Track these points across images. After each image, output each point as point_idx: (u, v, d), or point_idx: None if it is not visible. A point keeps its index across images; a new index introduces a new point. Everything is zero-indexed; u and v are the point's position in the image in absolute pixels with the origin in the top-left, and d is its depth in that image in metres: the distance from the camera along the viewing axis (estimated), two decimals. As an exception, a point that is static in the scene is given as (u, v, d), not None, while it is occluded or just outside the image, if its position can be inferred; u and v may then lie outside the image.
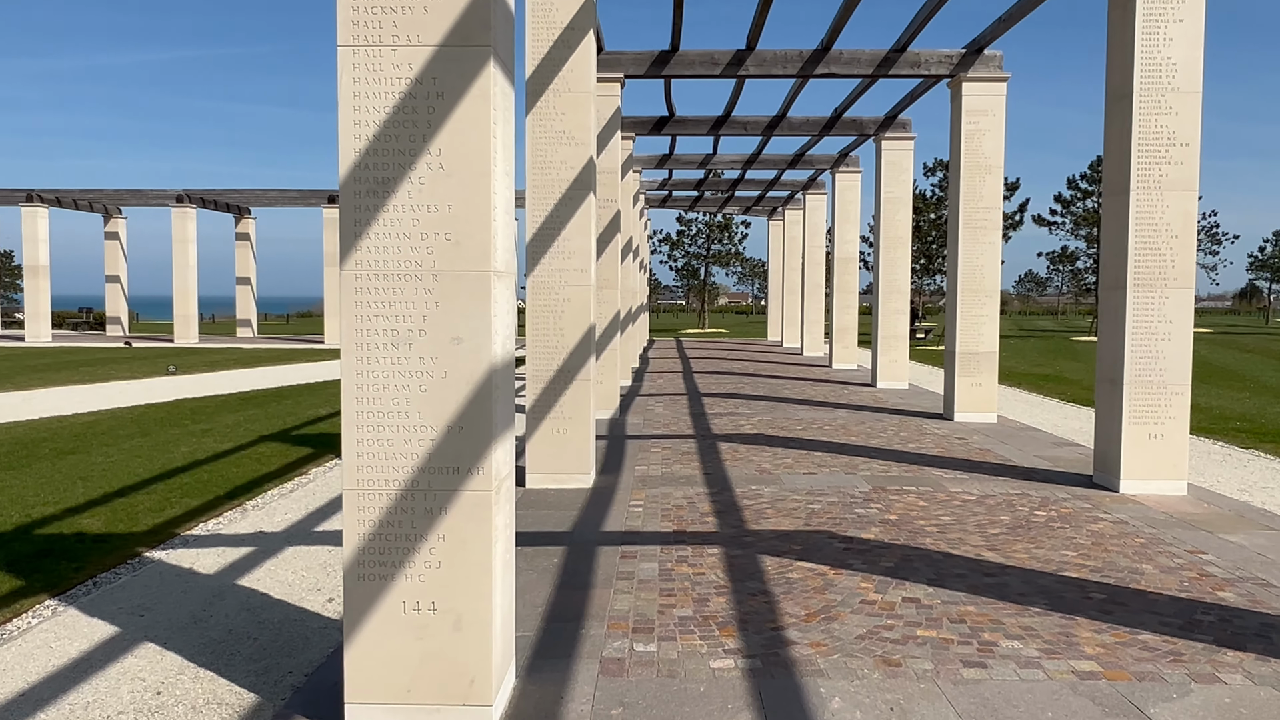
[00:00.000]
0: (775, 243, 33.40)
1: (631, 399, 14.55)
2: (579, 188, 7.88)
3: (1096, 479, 8.24)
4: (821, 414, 12.74)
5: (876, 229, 16.98)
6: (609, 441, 10.38)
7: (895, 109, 15.91)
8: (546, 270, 7.92)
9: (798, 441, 10.33)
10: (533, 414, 7.97)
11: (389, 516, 3.47)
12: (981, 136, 12.19)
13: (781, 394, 15.29)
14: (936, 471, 8.65)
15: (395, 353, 3.44)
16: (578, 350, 7.94)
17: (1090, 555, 5.88)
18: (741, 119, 16.78)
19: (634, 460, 9.20)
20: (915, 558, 5.79)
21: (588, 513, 7.03)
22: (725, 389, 16.09)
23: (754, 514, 6.94)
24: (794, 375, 19.02)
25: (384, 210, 3.41)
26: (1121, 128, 7.86)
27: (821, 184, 25.35)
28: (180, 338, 32.02)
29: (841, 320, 21.26)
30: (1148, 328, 7.80)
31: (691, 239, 56.23)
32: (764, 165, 21.55)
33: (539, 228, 7.91)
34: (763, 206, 32.65)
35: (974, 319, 12.27)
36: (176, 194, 31.21)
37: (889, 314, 16.88)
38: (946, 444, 10.28)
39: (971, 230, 12.20)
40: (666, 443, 10.26)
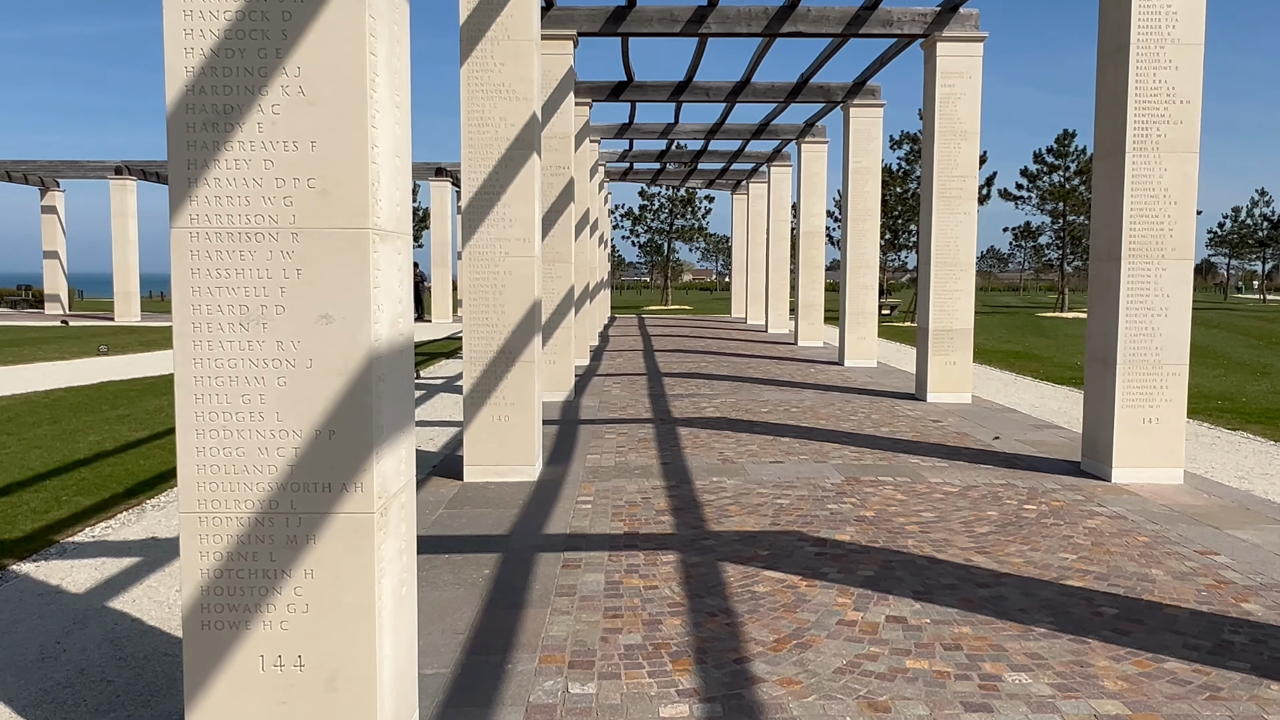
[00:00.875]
0: (739, 217, 32.68)
1: (588, 379, 13.78)
2: (520, 148, 7.06)
3: (1086, 466, 7.62)
4: (788, 395, 12.05)
5: (844, 201, 16.28)
6: (560, 427, 9.61)
7: (865, 74, 15.18)
8: (485, 240, 7.11)
9: (763, 426, 9.62)
10: (471, 400, 7.18)
11: (241, 547, 2.68)
12: (957, 100, 11.49)
13: (746, 373, 14.60)
14: (913, 459, 7.98)
15: (245, 335, 2.65)
16: (520, 328, 7.15)
17: (1092, 558, 5.22)
18: (704, 84, 15.98)
19: (586, 448, 8.45)
20: (897, 564, 5.10)
21: (530, 511, 6.27)
22: (687, 368, 15.37)
23: (715, 511, 6.22)
24: (759, 354, 18.35)
25: (226, 148, 2.61)
26: (1116, 83, 7.17)
27: (787, 156, 24.62)
28: (121, 316, 30.67)
29: (807, 296, 20.61)
30: (1143, 302, 7.16)
31: (654, 213, 55.31)
32: (728, 135, 20.76)
33: (476, 192, 7.08)
34: (726, 180, 31.89)
35: (948, 294, 11.62)
36: (115, 165, 29.77)
37: (857, 289, 16.22)
38: (921, 427, 9.63)
39: (945, 200, 11.53)
40: (622, 428, 9.51)
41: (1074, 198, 40.79)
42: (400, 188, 2.92)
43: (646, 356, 17.60)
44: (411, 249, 3.10)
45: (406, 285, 3.00)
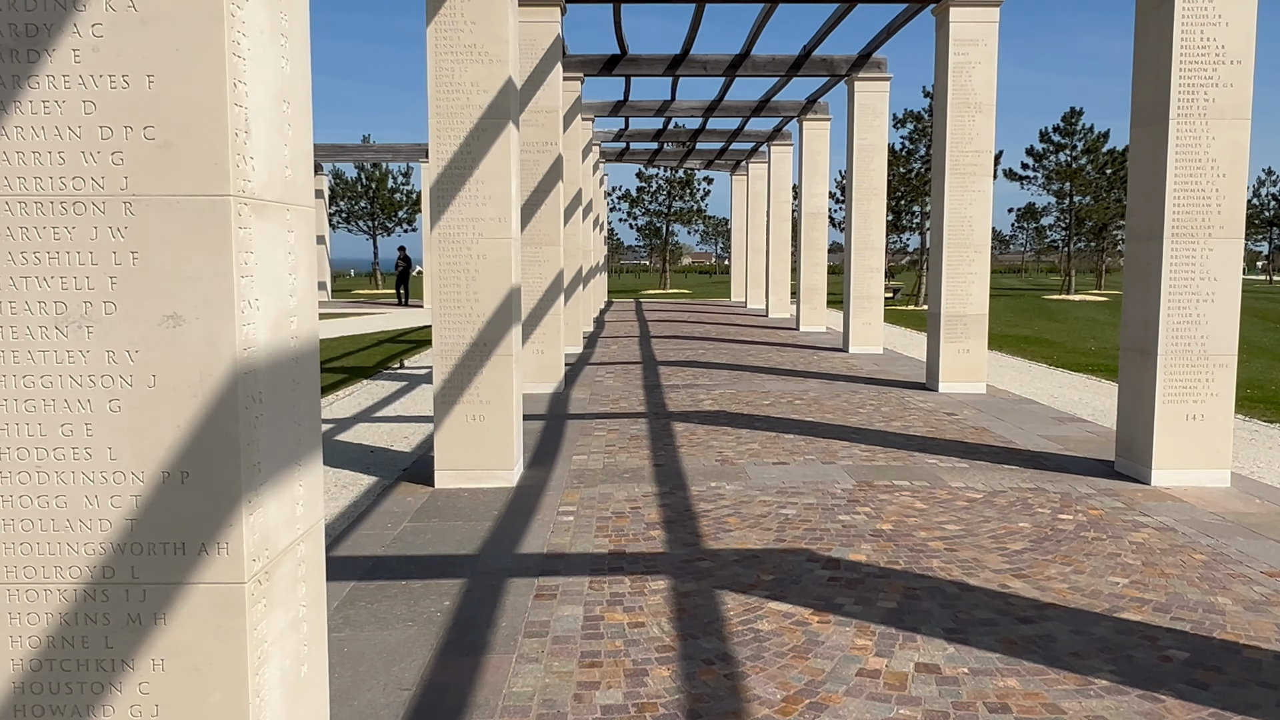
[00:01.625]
0: (739, 199, 31.91)
1: (580, 369, 13.08)
2: (494, 117, 6.33)
3: (1120, 467, 6.92)
4: (791, 385, 11.35)
5: (849, 179, 15.54)
6: (547, 423, 8.91)
7: (870, 45, 14.40)
8: (455, 220, 6.39)
9: (765, 421, 8.92)
10: (442, 398, 6.48)
11: (61, 629, 1.99)
12: (971, 70, 10.74)
13: (746, 361, 13.89)
14: (930, 459, 7.29)
15: (63, 342, 1.94)
16: (496, 318, 6.44)
17: (1146, 583, 4.53)
18: (701, 58, 15.21)
19: (573, 447, 7.75)
20: (922, 591, 4.41)
21: (504, 524, 5.58)
22: (684, 356, 14.66)
23: (713, 524, 5.53)
24: (760, 340, 17.64)
25: (29, 83, 1.89)
26: (1159, 42, 6.43)
27: (787, 135, 23.85)
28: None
29: (810, 280, 19.89)
30: (1188, 286, 6.44)
31: (652, 196, 54.41)
32: (726, 113, 19.97)
33: (445, 166, 6.36)
34: (725, 161, 31.10)
35: (961, 277, 10.90)
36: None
37: (862, 272, 15.49)
38: (935, 421, 8.93)
39: (959, 176, 10.80)
40: (614, 424, 8.81)
41: (1080, 178, 39.96)
42: (292, 144, 2.21)
43: (642, 343, 16.90)
44: (314, 225, 2.38)
45: (306, 274, 2.29)
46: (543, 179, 10.80)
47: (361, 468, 7.39)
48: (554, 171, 10.81)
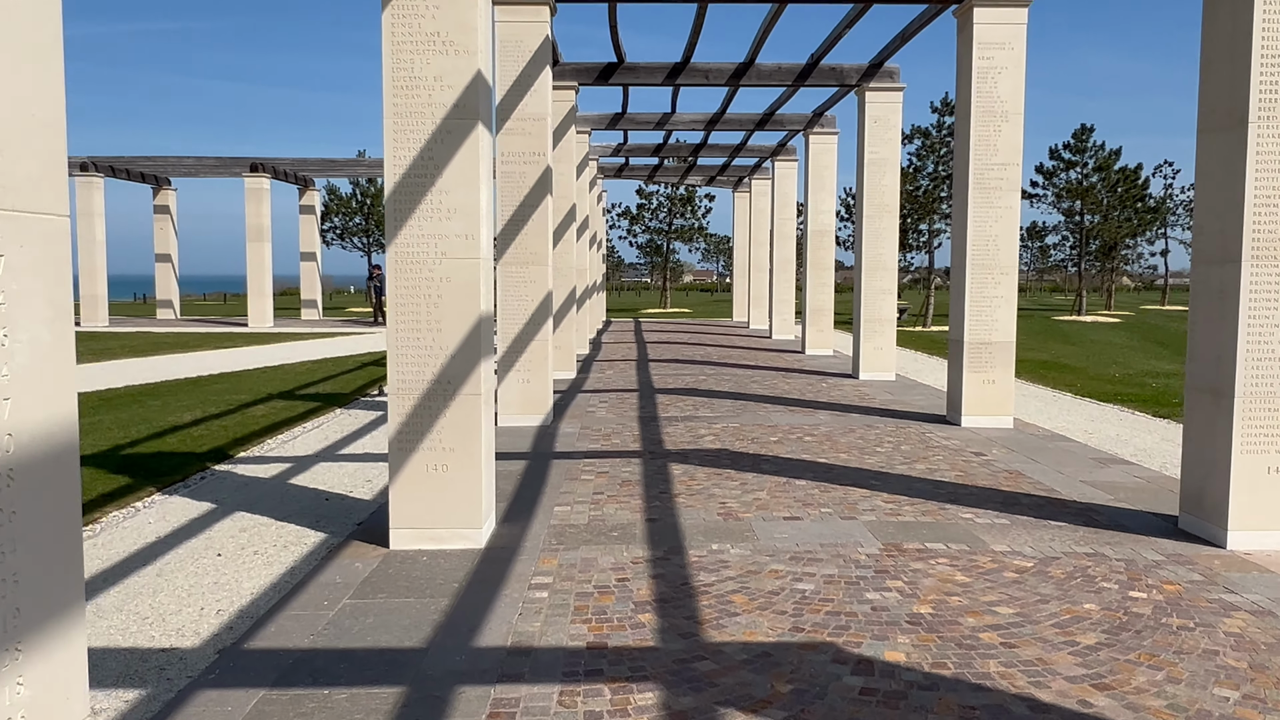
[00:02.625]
0: (741, 216, 31.06)
1: (571, 397, 12.14)
2: (462, 116, 5.43)
3: (1186, 524, 5.98)
4: (800, 418, 10.41)
5: (859, 195, 14.65)
6: (529, 463, 7.97)
7: (883, 53, 13.55)
8: (414, 237, 5.47)
9: (773, 462, 7.98)
10: (398, 445, 5.54)
11: None
12: (997, 75, 9.85)
13: (750, 389, 12.95)
14: (964, 513, 6.34)
15: None
16: (463, 351, 5.51)
17: (1264, 698, 3.58)
18: (703, 66, 14.34)
19: (555, 494, 6.81)
20: (984, 713, 3.46)
21: (464, 602, 4.63)
22: (685, 382, 13.73)
23: (715, 605, 4.58)
24: (764, 364, 16.70)
25: None
26: (1235, 31, 5.53)
27: (792, 150, 23.00)
28: (87, 321, 28.98)
29: (816, 300, 18.99)
30: (1271, 318, 5.51)
31: (653, 213, 53.54)
32: (729, 126, 19.12)
33: (403, 174, 5.45)
34: (727, 177, 30.27)
35: (986, 301, 9.98)
36: (81, 161, 28.12)
37: (873, 294, 14.58)
38: (963, 463, 7.98)
39: (983, 192, 9.89)
40: (604, 464, 7.87)
41: (1092, 196, 39.06)
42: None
43: (640, 368, 15.97)
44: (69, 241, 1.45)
45: (46, 324, 1.36)
46: (529, 193, 9.90)
47: (311, 520, 6.45)
48: (542, 185, 9.91)
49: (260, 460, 8.54)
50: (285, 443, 9.40)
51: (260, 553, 5.71)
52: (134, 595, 4.99)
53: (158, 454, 8.62)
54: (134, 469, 7.97)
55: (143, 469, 7.97)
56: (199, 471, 7.99)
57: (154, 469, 7.97)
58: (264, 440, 9.47)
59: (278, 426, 10.22)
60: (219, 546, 5.84)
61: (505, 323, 9.93)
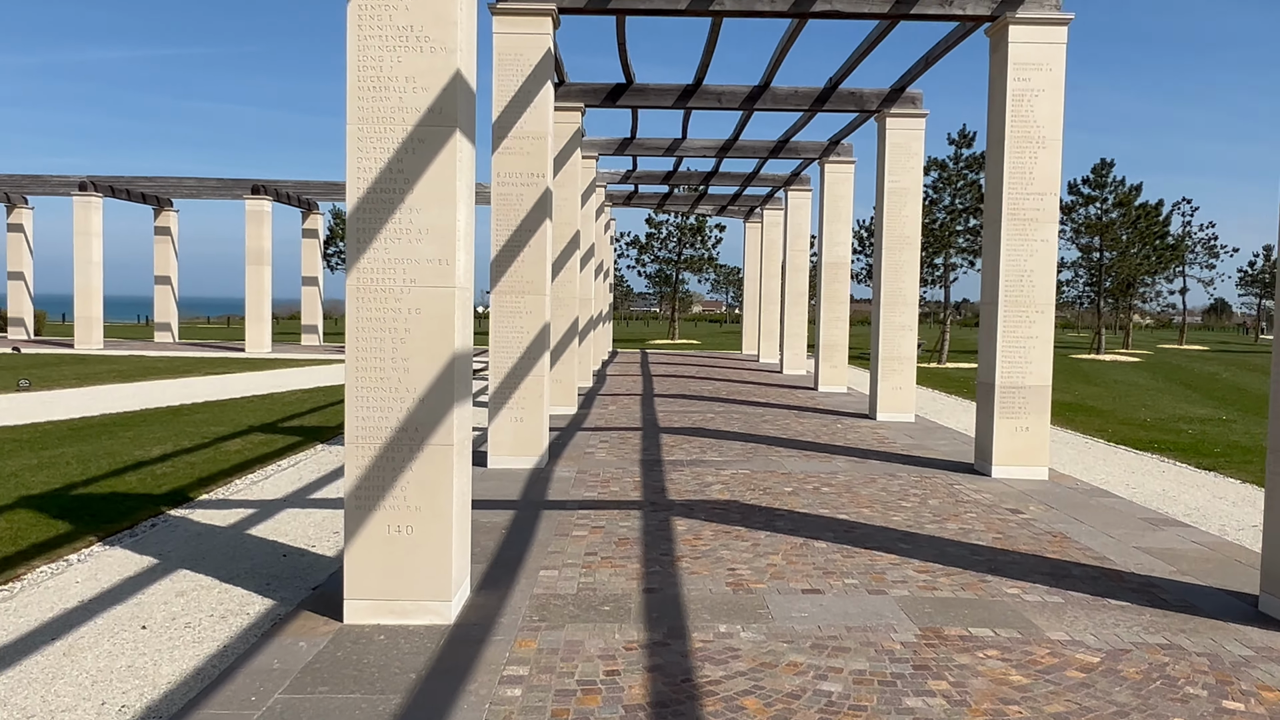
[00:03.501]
0: (752, 247, 30.36)
1: (569, 436, 11.36)
2: (437, 123, 4.70)
3: (1269, 607, 5.15)
4: (816, 464, 9.60)
5: (878, 226, 13.91)
6: (517, 514, 7.18)
7: (906, 77, 12.86)
8: (380, 260, 4.72)
9: (789, 518, 7.17)
10: (355, 503, 4.77)
11: None
12: (1033, 98, 9.13)
13: (762, 430, 12.15)
14: (1009, 586, 5.53)
15: None
16: (434, 395, 4.74)
17: None
18: (716, 89, 13.68)
19: (542, 555, 6.01)
20: None
21: (418, 704, 3.83)
22: (692, 420, 12.93)
23: (723, 711, 3.77)
24: (775, 401, 15.90)
25: None
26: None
27: (806, 179, 22.32)
28: (81, 343, 28.34)
29: (829, 336, 18.20)
30: (1377, 371, 4.72)
31: (661, 242, 52.89)
32: (742, 153, 18.47)
33: (368, 188, 4.71)
34: (739, 207, 29.61)
35: (1019, 342, 9.19)
36: (80, 180, 27.61)
37: (892, 330, 13.79)
38: (999, 522, 7.17)
39: (1019, 224, 9.14)
40: (600, 517, 7.08)
41: (1111, 232, 38.24)
42: None
43: (645, 403, 15.18)
44: None
45: None
46: (526, 217, 9.17)
47: (261, 582, 5.66)
48: (540, 208, 9.19)
49: (222, 504, 7.76)
50: (255, 483, 8.62)
51: (193, 625, 4.92)
52: (25, 683, 4.20)
53: (111, 495, 7.85)
54: (79, 513, 7.20)
55: (89, 513, 7.19)
56: (151, 517, 7.21)
57: (102, 513, 7.20)
58: (232, 480, 8.69)
59: (250, 464, 9.45)
60: (147, 615, 5.05)
61: (497, 355, 9.18)
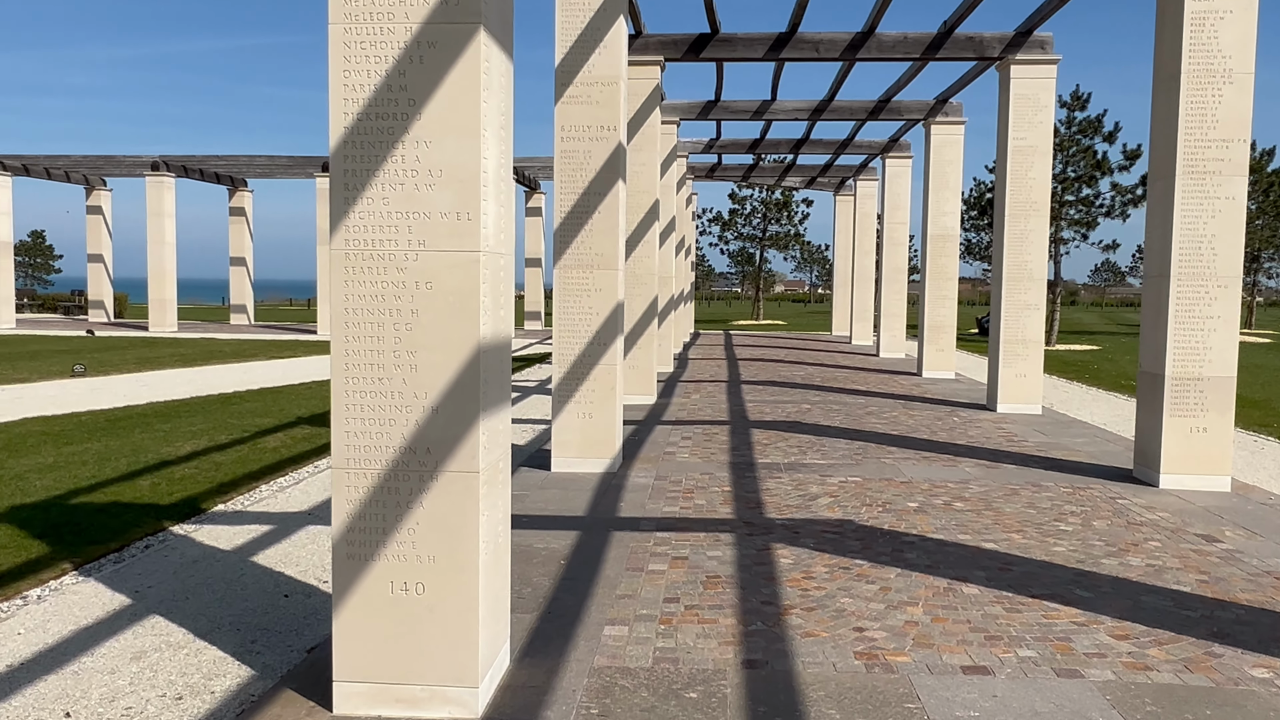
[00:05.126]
0: (843, 221, 28.53)
1: (648, 430, 9.99)
2: (452, 18, 3.33)
3: None
4: (940, 469, 8.05)
5: (999, 191, 12.16)
6: (581, 535, 5.83)
7: (1033, 18, 11.09)
8: (375, 216, 3.39)
9: (920, 546, 5.68)
10: (347, 550, 3.46)
11: None
12: (1218, 22, 7.39)
13: (867, 423, 10.61)
14: (1253, 665, 3.97)
15: None
16: (451, 402, 3.40)
17: None
18: (812, 37, 12.07)
19: (609, 600, 4.65)
20: None
21: None
22: (786, 412, 11.45)
23: None
24: (877, 389, 14.29)
25: None
26: None
27: (906, 145, 20.50)
28: (155, 326, 28.02)
29: (935, 315, 16.49)
30: None
31: (745, 218, 51.03)
32: (837, 115, 16.78)
33: (358, 116, 3.37)
34: (829, 179, 27.80)
35: (1197, 323, 7.49)
36: (152, 160, 27.19)
37: (1016, 310, 12.07)
38: (1196, 556, 5.56)
39: (1197, 178, 7.42)
40: (684, 543, 5.69)
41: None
42: None
43: (731, 391, 13.73)
44: None
45: None
46: (595, 178, 7.80)
47: (246, 639, 4.41)
48: (612, 168, 7.80)
49: (236, 518, 6.60)
50: (282, 489, 7.47)
51: (134, 713, 3.68)
52: None
53: (112, 506, 6.75)
54: (66, 530, 6.10)
55: (77, 530, 6.08)
56: (149, 534, 6.08)
57: (92, 530, 6.09)
58: (257, 485, 7.55)
59: (283, 465, 8.31)
60: (82, 693, 3.84)
61: (563, 341, 7.84)
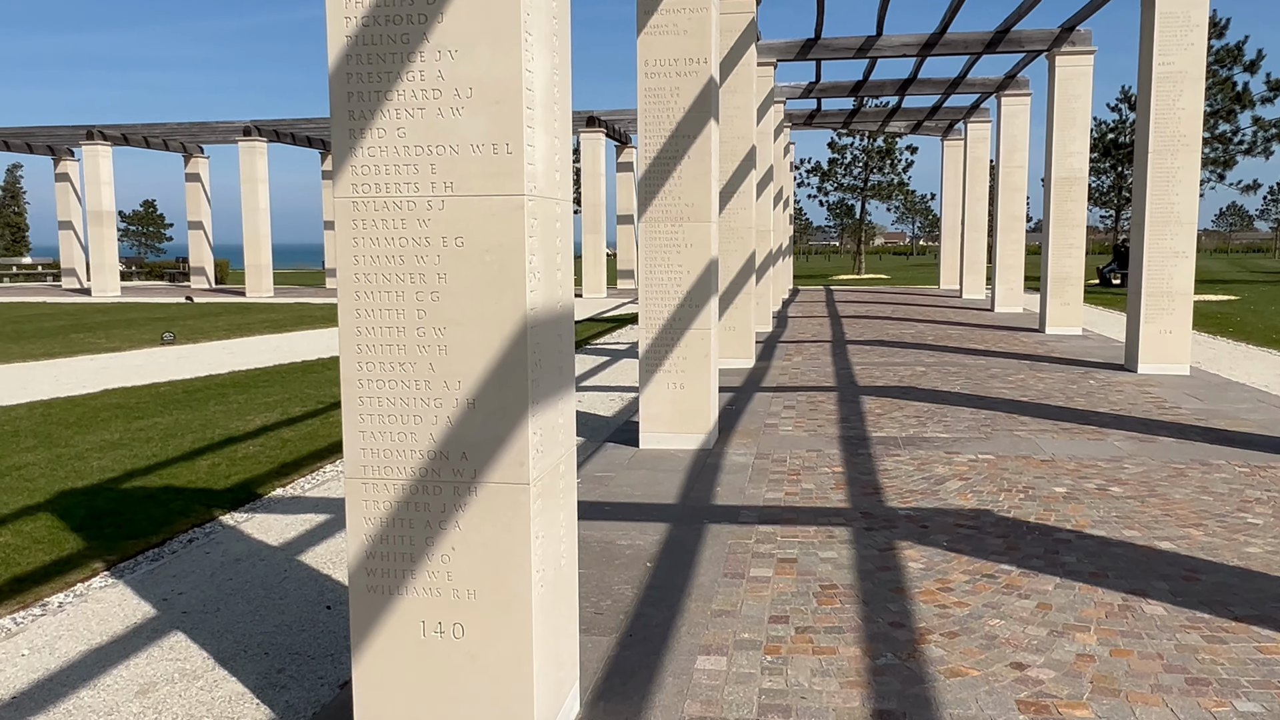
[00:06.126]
0: (952, 167, 26.87)
1: (746, 397, 9.13)
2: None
3: None
4: (1084, 444, 7.00)
5: (1142, 124, 10.78)
6: (671, 530, 5.04)
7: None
8: (387, 152, 2.60)
9: (1078, 545, 4.71)
10: (367, 580, 2.73)
11: None
12: None
13: (991, 388, 9.53)
14: None
15: None
16: (491, 393, 2.61)
17: None
18: (925, -42, 10.83)
19: (703, 620, 3.85)
20: None
21: None
22: (898, 375, 10.43)
23: None
24: (996, 347, 13.09)
25: None
26: None
27: (1024, 82, 18.91)
28: (251, 291, 28.24)
29: (1060, 266, 15.10)
30: None
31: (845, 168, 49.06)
32: (948, 49, 15.40)
33: (361, 22, 2.57)
34: (936, 122, 26.15)
35: None
36: (244, 125, 27.22)
37: (1161, 258, 10.72)
38: None
39: None
40: (790, 538, 4.84)
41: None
42: None
43: (836, 353, 12.73)
44: None
45: None
46: (684, 119, 6.90)
47: (273, 667, 3.75)
48: (702, 106, 6.89)
49: (292, 505, 6.01)
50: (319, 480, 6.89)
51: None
52: None
53: (165, 490, 6.24)
54: (111, 519, 5.59)
55: (122, 520, 5.57)
56: (196, 525, 5.53)
57: (138, 520, 5.57)
58: (322, 465, 6.98)
59: (353, 442, 7.74)
60: (70, 742, 3.23)
61: (649, 304, 7.02)
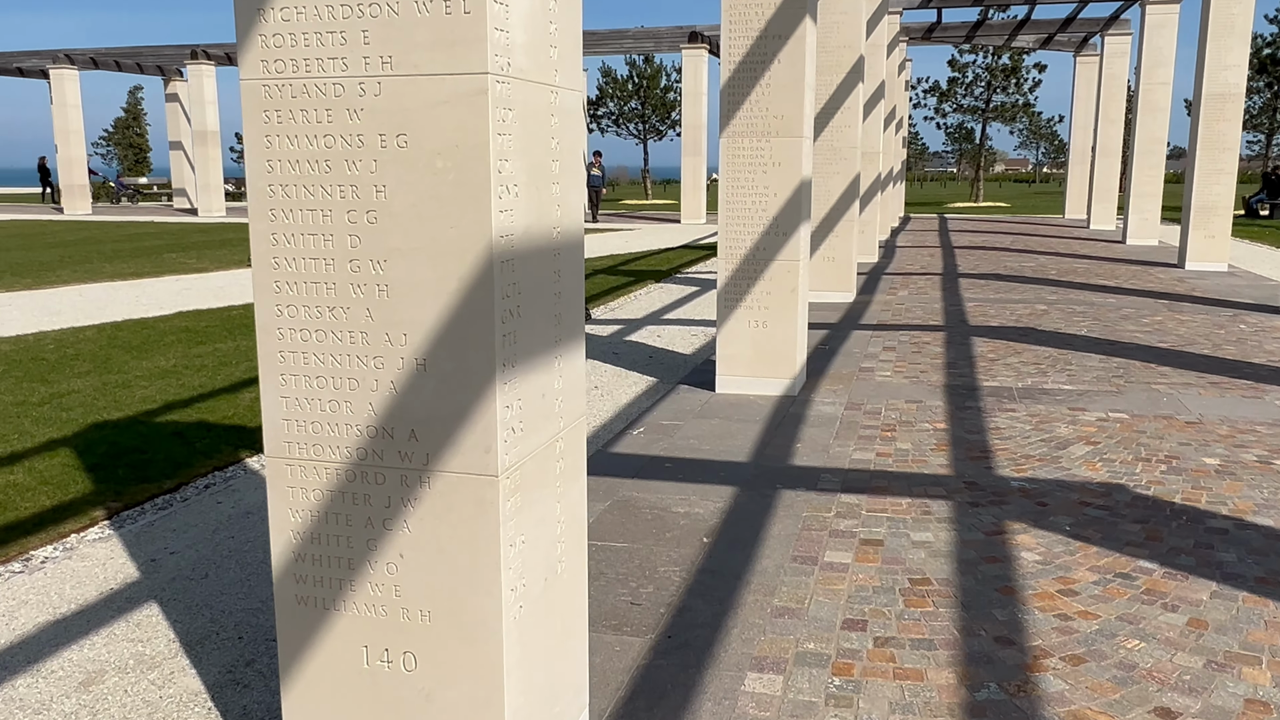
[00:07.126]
0: (1084, 87, 24.78)
1: (841, 336, 8.27)
2: None
3: None
4: (1237, 404, 5.97)
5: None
6: (738, 494, 4.33)
7: None
8: (309, 16, 1.89)
9: (1238, 539, 3.82)
10: (295, 590, 2.11)
11: None
12: None
13: (1123, 331, 8.44)
14: None
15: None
16: (447, 347, 1.92)
17: None
18: None
19: (761, 620, 3.15)
20: None
21: None
22: (1015, 315, 9.39)
23: None
24: (1129, 285, 11.80)
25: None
26: None
27: (1172, -13, 16.97)
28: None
29: (1205, 195, 13.56)
30: None
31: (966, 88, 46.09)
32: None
33: None
34: (1069, 36, 24.09)
35: None
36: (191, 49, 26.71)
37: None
38: None
39: None
40: (878, 511, 4.08)
41: None
42: None
43: (946, 287, 11.66)
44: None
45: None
46: (774, 17, 5.97)
47: (240, 659, 3.19)
48: (793, 7, 5.94)
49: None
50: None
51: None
52: None
53: (198, 425, 5.82)
54: (130, 457, 5.18)
55: (141, 460, 5.15)
56: (217, 469, 5.07)
57: (157, 460, 5.14)
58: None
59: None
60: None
61: (730, 231, 6.22)
